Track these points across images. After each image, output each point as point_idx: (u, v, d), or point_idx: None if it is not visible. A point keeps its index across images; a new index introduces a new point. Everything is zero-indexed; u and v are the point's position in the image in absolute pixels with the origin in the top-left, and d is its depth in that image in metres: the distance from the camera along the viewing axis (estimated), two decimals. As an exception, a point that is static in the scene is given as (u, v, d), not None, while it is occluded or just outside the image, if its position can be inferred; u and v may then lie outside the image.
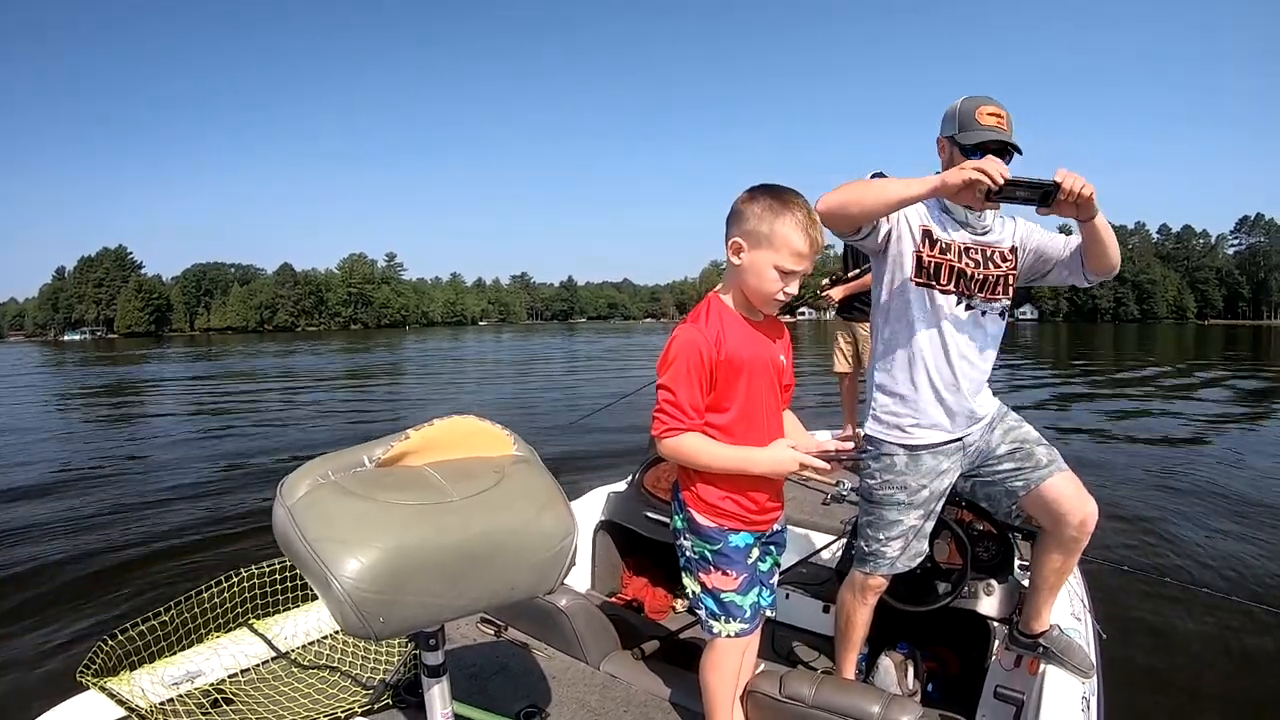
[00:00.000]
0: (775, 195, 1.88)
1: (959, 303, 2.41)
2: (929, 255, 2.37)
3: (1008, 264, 2.48)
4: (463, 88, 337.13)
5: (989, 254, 2.44)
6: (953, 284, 2.39)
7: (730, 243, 1.90)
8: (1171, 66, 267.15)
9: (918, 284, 2.38)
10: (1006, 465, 2.49)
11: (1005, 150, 2.36)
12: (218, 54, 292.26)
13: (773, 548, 2.13)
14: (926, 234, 2.37)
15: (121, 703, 1.91)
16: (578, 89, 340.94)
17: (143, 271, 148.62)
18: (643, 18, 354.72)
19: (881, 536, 2.45)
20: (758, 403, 1.96)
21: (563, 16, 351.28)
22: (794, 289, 1.93)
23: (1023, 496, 2.47)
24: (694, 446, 1.88)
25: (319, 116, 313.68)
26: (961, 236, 2.42)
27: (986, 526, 2.80)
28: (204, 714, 2.02)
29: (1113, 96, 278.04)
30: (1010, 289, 2.51)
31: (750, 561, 2.01)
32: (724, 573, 1.98)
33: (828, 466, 1.96)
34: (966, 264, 2.39)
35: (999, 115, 2.37)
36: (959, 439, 2.44)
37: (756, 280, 1.90)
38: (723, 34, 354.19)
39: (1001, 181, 2.07)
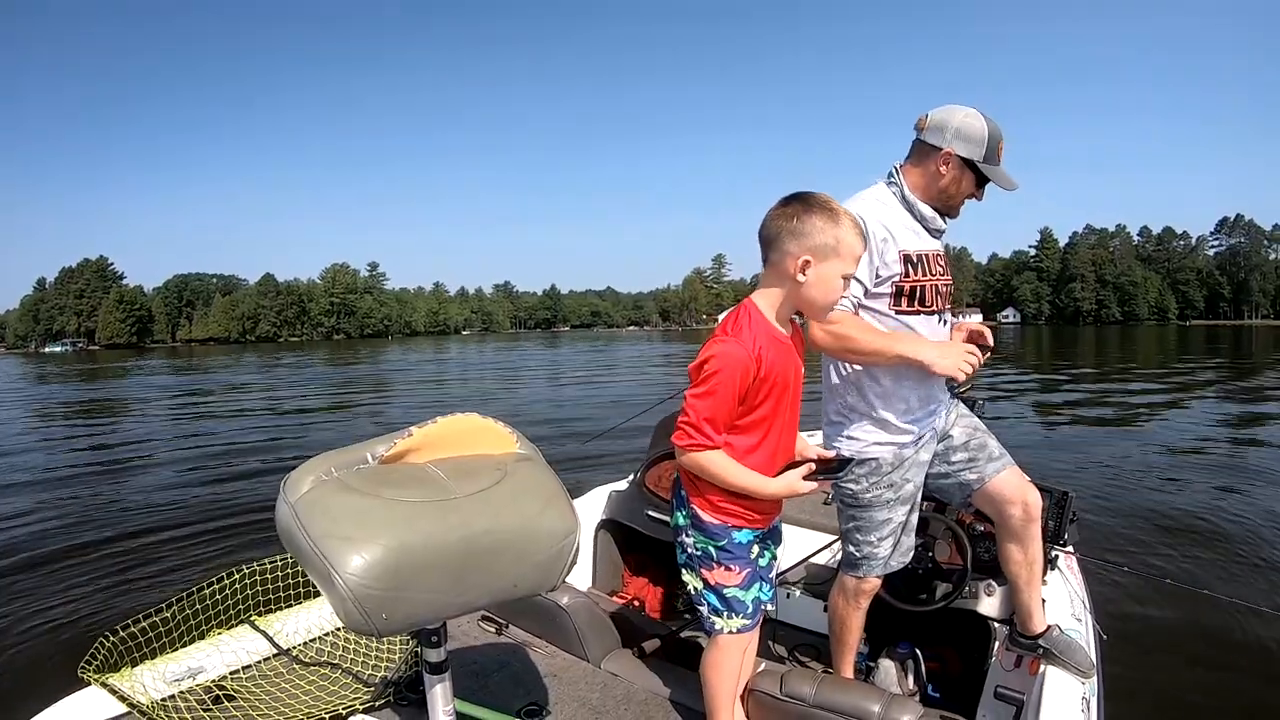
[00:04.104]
0: (823, 205, 1.86)
1: (939, 321, 2.42)
2: (912, 281, 2.33)
3: (950, 273, 2.50)
4: (444, 97, 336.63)
5: (947, 262, 2.46)
6: (934, 303, 2.38)
7: (798, 261, 1.84)
8: (1154, 66, 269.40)
9: (899, 313, 2.35)
10: (960, 456, 2.50)
11: None
12: (198, 65, 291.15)
13: (770, 543, 2.13)
14: (907, 259, 2.32)
15: (123, 699, 1.90)
16: (559, 98, 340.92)
17: (124, 282, 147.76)
18: (623, 28, 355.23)
19: (873, 539, 2.44)
20: (783, 416, 1.96)
21: (542, 28, 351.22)
22: (846, 293, 1.96)
23: (976, 490, 2.48)
24: (717, 464, 1.87)
25: (300, 127, 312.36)
26: (932, 245, 2.40)
27: (987, 527, 2.81)
28: (205, 710, 2.02)
29: (1096, 97, 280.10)
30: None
31: (752, 557, 2.01)
32: (727, 568, 1.97)
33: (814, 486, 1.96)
34: (936, 273, 2.39)
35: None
36: (932, 428, 2.45)
37: (823, 292, 1.89)
38: (705, 41, 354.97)
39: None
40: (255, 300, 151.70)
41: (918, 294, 2.34)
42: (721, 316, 1.98)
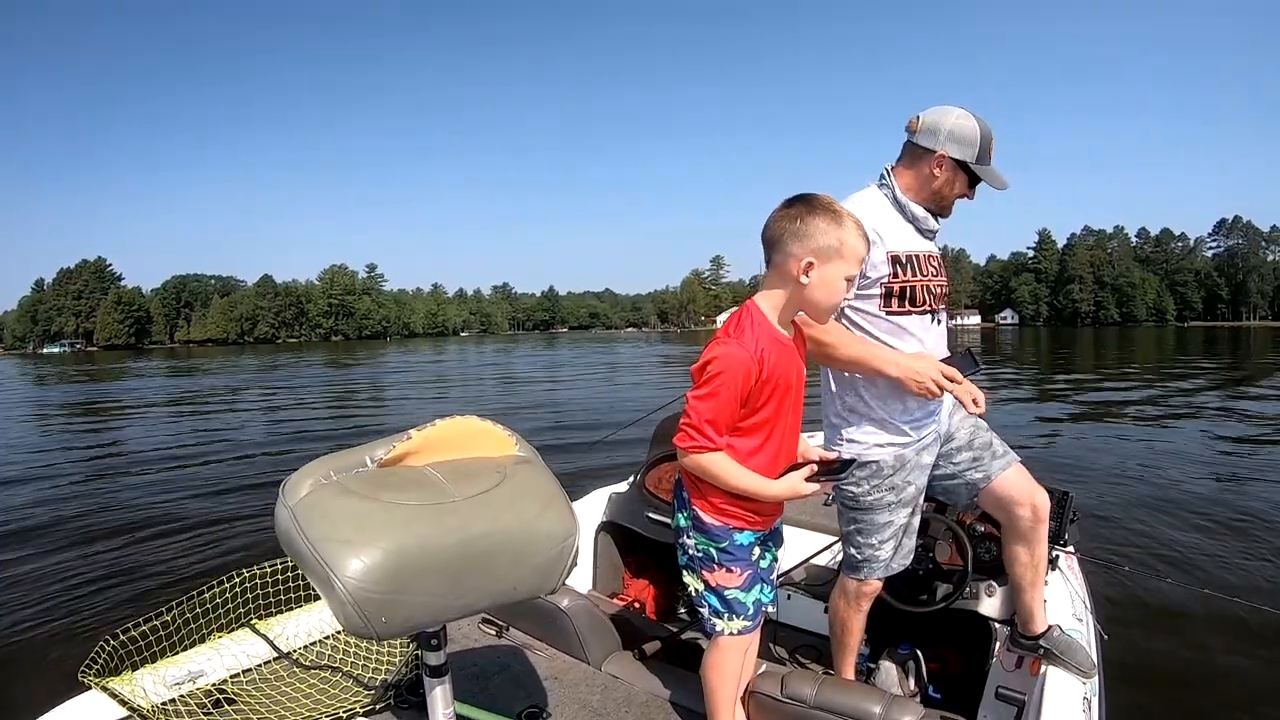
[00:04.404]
0: (826, 206, 1.86)
1: (933, 320, 2.41)
2: (901, 282, 2.33)
3: (945, 274, 2.50)
4: (443, 98, 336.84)
5: (940, 262, 2.46)
6: (926, 302, 2.37)
7: (801, 262, 1.84)
8: (1153, 67, 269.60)
9: (889, 314, 2.35)
10: (964, 455, 2.49)
11: None
12: (197, 65, 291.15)
13: (771, 544, 2.12)
14: (895, 260, 2.32)
15: (123, 703, 1.90)
16: (558, 99, 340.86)
17: (122, 283, 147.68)
18: (622, 28, 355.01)
19: (874, 541, 2.43)
20: (785, 418, 1.96)
21: (541, 28, 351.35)
22: (849, 295, 1.95)
23: (983, 489, 2.48)
24: (719, 466, 1.87)
25: (299, 127, 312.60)
26: (924, 245, 2.40)
27: (988, 528, 2.81)
28: (205, 714, 2.02)
29: (1094, 98, 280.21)
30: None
31: (753, 559, 2.01)
32: (728, 570, 1.97)
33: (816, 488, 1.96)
34: (930, 273, 2.38)
35: None
36: (934, 429, 2.45)
37: (827, 294, 1.88)
38: (704, 41, 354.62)
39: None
40: (253, 301, 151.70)
41: (908, 294, 2.34)
42: (721, 318, 1.98)
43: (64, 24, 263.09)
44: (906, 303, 2.34)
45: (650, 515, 3.47)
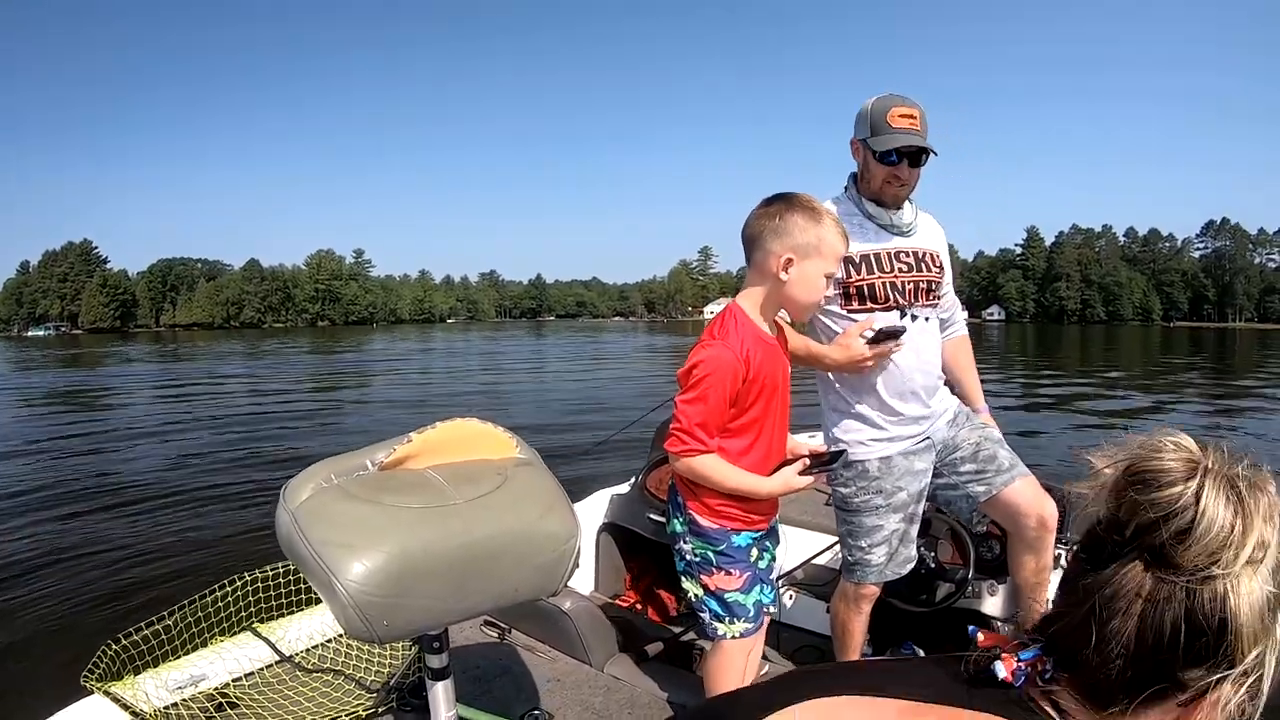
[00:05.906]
0: (804, 204, 1.88)
1: (902, 316, 2.38)
2: (858, 280, 2.33)
3: (936, 269, 2.47)
4: (432, 86, 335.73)
5: (921, 256, 2.43)
6: (890, 298, 2.36)
7: (780, 259, 1.86)
8: (1144, 68, 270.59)
9: (851, 312, 2.35)
10: (968, 467, 2.48)
11: (920, 154, 2.32)
12: (187, 50, 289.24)
13: (768, 544, 2.13)
14: (849, 261, 2.31)
15: (125, 707, 1.90)
16: (547, 88, 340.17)
17: (108, 266, 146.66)
18: (614, 19, 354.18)
19: (864, 544, 2.42)
20: (774, 417, 1.97)
21: (533, 18, 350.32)
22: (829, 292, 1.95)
23: (984, 502, 2.47)
24: (711, 468, 1.88)
25: (287, 111, 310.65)
26: (888, 243, 2.39)
27: (989, 527, 2.81)
28: (208, 718, 2.02)
29: (1081, 95, 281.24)
30: (938, 298, 2.50)
31: (752, 560, 2.02)
32: (727, 573, 1.98)
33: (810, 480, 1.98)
34: (899, 270, 2.36)
35: (911, 116, 2.28)
36: (926, 436, 2.44)
37: (807, 292, 1.90)
38: (698, 36, 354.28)
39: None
40: (240, 286, 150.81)
41: (867, 292, 2.35)
42: (712, 307, 1.97)
43: (54, 11, 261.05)
44: (867, 300, 2.35)
45: (652, 516, 3.46)
